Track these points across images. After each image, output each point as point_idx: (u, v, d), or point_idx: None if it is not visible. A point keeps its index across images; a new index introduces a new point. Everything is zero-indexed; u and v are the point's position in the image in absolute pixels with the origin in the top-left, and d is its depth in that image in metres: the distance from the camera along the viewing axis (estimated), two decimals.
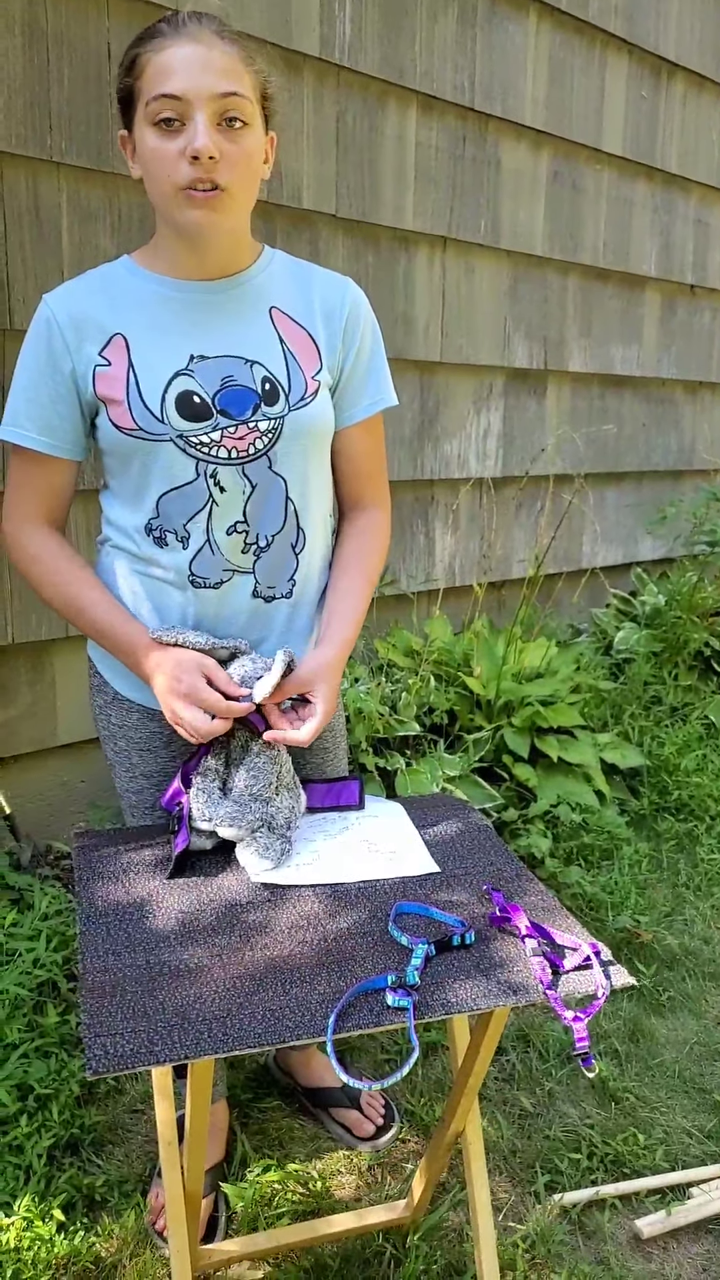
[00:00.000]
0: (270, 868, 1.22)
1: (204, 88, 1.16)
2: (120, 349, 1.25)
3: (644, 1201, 1.64)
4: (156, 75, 1.17)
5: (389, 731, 2.53)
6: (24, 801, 2.26)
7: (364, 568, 1.40)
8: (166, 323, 1.27)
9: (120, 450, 1.28)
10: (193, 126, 1.17)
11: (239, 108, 1.18)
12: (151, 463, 1.26)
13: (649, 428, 3.85)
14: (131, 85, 1.20)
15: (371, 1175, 1.65)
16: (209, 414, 1.25)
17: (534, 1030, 1.97)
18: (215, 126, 1.18)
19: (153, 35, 1.19)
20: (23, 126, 1.98)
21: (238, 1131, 1.70)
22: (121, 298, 1.27)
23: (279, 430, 1.28)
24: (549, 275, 3.27)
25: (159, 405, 1.24)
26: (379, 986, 1.03)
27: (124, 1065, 0.92)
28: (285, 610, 1.36)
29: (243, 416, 1.26)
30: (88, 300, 1.27)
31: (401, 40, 2.63)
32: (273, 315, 1.30)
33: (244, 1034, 0.97)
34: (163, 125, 1.17)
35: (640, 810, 2.85)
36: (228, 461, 1.26)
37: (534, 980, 1.06)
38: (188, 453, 1.25)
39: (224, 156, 1.18)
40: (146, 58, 1.18)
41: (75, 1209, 1.54)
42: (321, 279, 1.36)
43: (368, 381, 1.39)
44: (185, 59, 1.16)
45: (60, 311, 1.26)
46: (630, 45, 3.32)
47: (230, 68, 1.18)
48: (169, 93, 1.16)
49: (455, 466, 3.09)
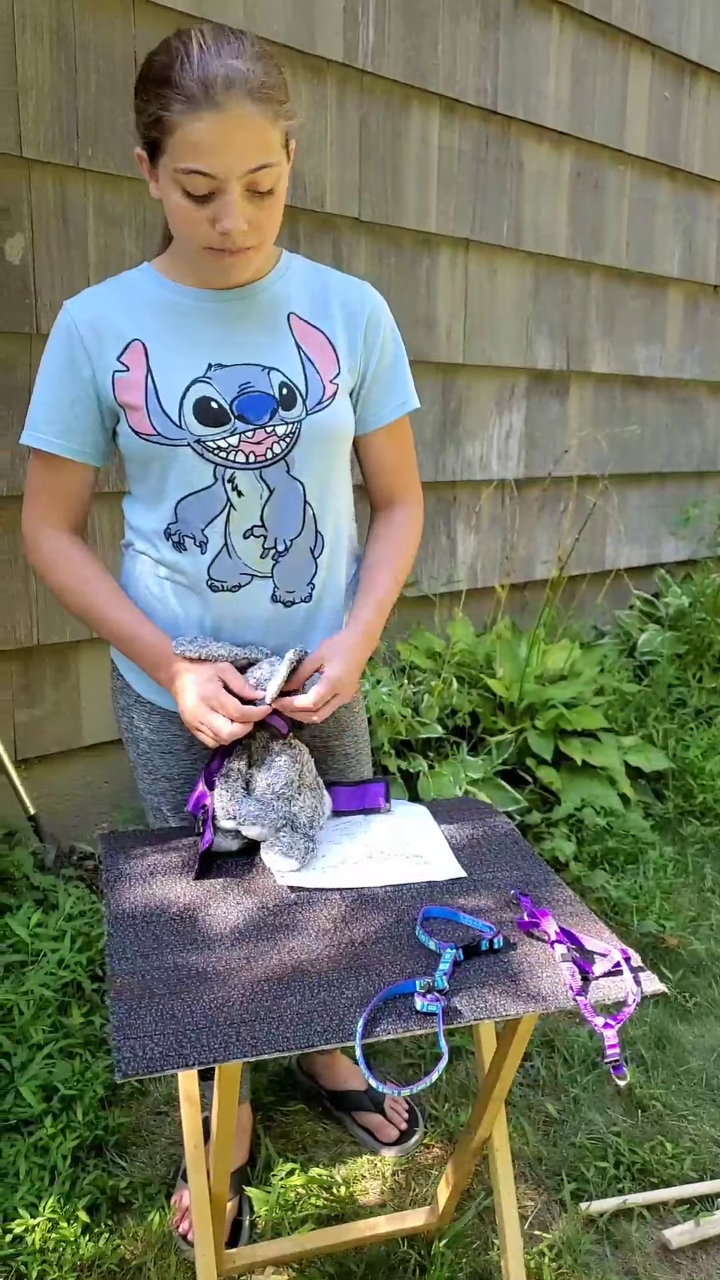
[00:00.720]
0: (295, 867, 1.22)
1: (236, 166, 1.13)
2: (139, 355, 1.26)
3: (672, 1211, 1.63)
4: (185, 147, 1.12)
5: (411, 734, 2.52)
6: (49, 802, 2.27)
7: (393, 564, 1.41)
8: (185, 331, 1.27)
9: (139, 455, 1.28)
10: (223, 201, 1.15)
11: (269, 176, 1.16)
12: (170, 468, 1.27)
13: (672, 428, 3.83)
14: (157, 139, 1.15)
15: (395, 1180, 1.64)
16: (226, 419, 1.26)
17: (559, 1036, 1.96)
18: (245, 196, 1.16)
19: (180, 93, 1.11)
20: (50, 133, 2.00)
21: (261, 1134, 1.70)
22: (141, 305, 1.28)
23: (296, 435, 1.28)
24: (571, 276, 3.26)
25: (177, 411, 1.25)
26: (407, 991, 1.03)
27: (153, 1068, 0.92)
28: (304, 615, 1.36)
29: (260, 421, 1.26)
30: (107, 307, 1.27)
31: (424, 44, 2.63)
32: (290, 321, 1.30)
33: (272, 1038, 0.96)
34: (190, 192, 1.15)
35: (665, 814, 2.83)
36: (245, 466, 1.27)
37: (563, 986, 1.05)
38: (205, 457, 1.26)
39: (253, 222, 1.17)
40: (174, 121, 1.12)
41: (100, 1210, 1.54)
42: (340, 283, 1.35)
43: (392, 385, 1.39)
44: (216, 135, 1.11)
45: (80, 317, 1.26)
46: (653, 46, 3.31)
47: (261, 138, 1.13)
48: (199, 170, 1.13)
49: (477, 468, 3.08)
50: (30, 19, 1.94)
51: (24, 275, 2.01)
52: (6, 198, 1.97)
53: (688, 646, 3.43)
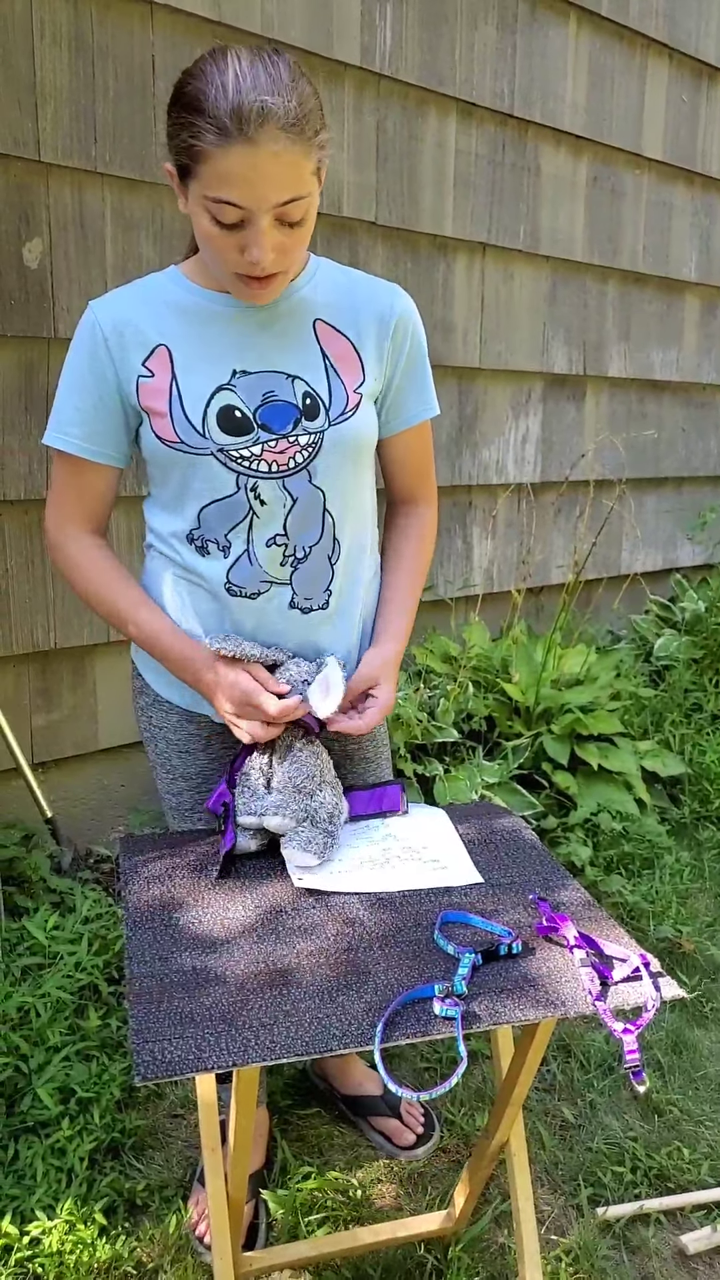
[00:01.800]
0: (314, 862, 1.22)
1: (266, 199, 1.12)
2: (164, 360, 1.26)
3: (689, 1217, 1.62)
4: (215, 177, 1.11)
5: (427, 738, 2.52)
6: (65, 805, 2.28)
7: (416, 566, 1.44)
8: (210, 337, 1.27)
9: (161, 460, 1.29)
10: (253, 231, 1.14)
11: (300, 208, 1.15)
12: (192, 475, 1.27)
13: (689, 432, 3.82)
14: (188, 165, 1.13)
15: (412, 1184, 1.64)
16: (250, 428, 1.26)
17: (575, 1040, 1.95)
18: (274, 226, 1.15)
19: (212, 122, 1.08)
20: (68, 138, 2.01)
21: (278, 1138, 1.70)
22: (166, 309, 1.28)
23: (319, 445, 1.28)
24: (588, 280, 3.25)
25: (200, 419, 1.25)
26: (426, 995, 1.03)
27: (172, 1072, 0.92)
28: (321, 620, 1.36)
29: (283, 431, 1.26)
30: (132, 310, 1.27)
31: (441, 48, 2.63)
32: (316, 328, 1.30)
33: (291, 1042, 0.96)
34: (219, 220, 1.14)
35: (681, 819, 2.82)
36: (268, 475, 1.27)
37: (583, 991, 1.05)
38: (229, 466, 1.26)
39: (281, 250, 1.17)
40: (205, 151, 1.10)
41: (116, 1213, 1.54)
42: (369, 287, 1.35)
43: (418, 389, 1.39)
44: (247, 168, 1.09)
45: (105, 319, 1.26)
46: (671, 49, 3.30)
47: (293, 171, 1.11)
48: (230, 201, 1.12)
49: (494, 472, 3.08)
50: (49, 25, 1.95)
51: (42, 279, 2.02)
52: (25, 202, 1.98)
53: (704, 651, 3.42)
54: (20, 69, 1.93)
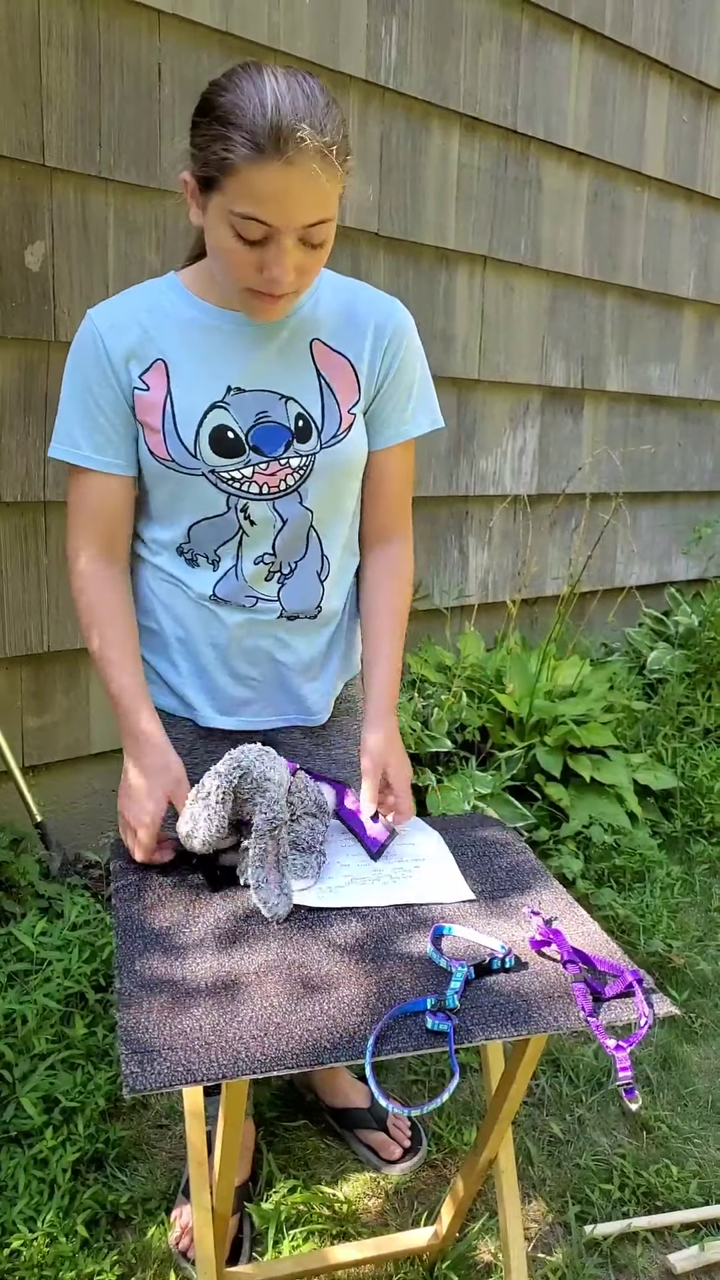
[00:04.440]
0: (309, 885, 1.21)
1: (294, 219, 1.11)
2: (160, 375, 1.25)
3: (677, 1236, 1.61)
4: (245, 193, 1.09)
5: (420, 748, 2.51)
6: (56, 809, 2.26)
7: (397, 623, 1.39)
8: (207, 352, 1.25)
9: (154, 474, 1.28)
10: (275, 250, 1.13)
11: (323, 230, 1.14)
12: (183, 493, 1.27)
13: (685, 447, 3.83)
14: (215, 177, 1.11)
15: (398, 1199, 1.62)
16: (241, 450, 1.25)
17: (564, 1055, 1.94)
18: (296, 246, 1.14)
19: (248, 138, 1.07)
20: (73, 143, 2.01)
21: (264, 1150, 1.68)
22: (164, 320, 1.26)
23: (310, 467, 1.27)
24: (587, 295, 3.26)
25: (193, 439, 1.24)
26: (418, 1009, 1.02)
27: (161, 1084, 0.91)
28: (307, 628, 1.37)
29: (275, 454, 1.25)
30: (131, 321, 1.26)
31: (446, 62, 2.65)
32: (313, 348, 1.28)
33: (281, 1054, 0.95)
34: (242, 235, 1.13)
35: (672, 832, 2.81)
36: (258, 497, 1.27)
37: (575, 1007, 1.04)
38: (219, 487, 1.26)
39: (300, 269, 1.16)
40: (238, 165, 1.08)
41: (99, 1226, 1.53)
42: (368, 300, 1.33)
43: (406, 403, 1.35)
44: (279, 188, 1.08)
45: (104, 328, 1.25)
46: (672, 70, 3.32)
47: (322, 195, 1.11)
48: (258, 218, 1.10)
49: (491, 483, 3.09)
50: (56, 30, 1.96)
51: (44, 282, 2.02)
52: (28, 205, 1.98)
53: (697, 665, 3.42)
54: (27, 73, 1.93)
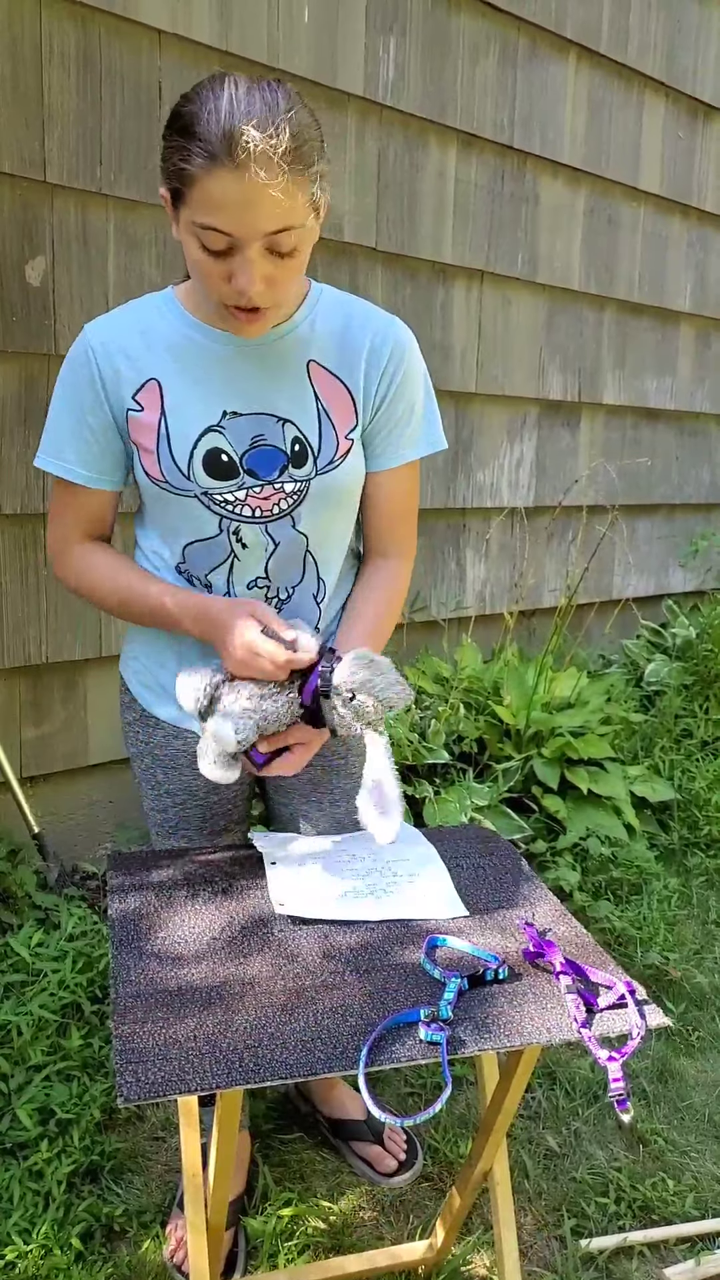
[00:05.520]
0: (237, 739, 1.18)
1: (255, 228, 1.08)
2: (154, 396, 1.24)
3: (673, 1249, 1.60)
4: (201, 202, 1.07)
5: (417, 759, 2.52)
6: (53, 820, 2.27)
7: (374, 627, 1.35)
8: (201, 374, 1.24)
9: (150, 493, 1.29)
10: (240, 260, 1.10)
11: (290, 239, 1.10)
12: (176, 513, 1.27)
13: (682, 460, 3.85)
14: (178, 189, 1.10)
15: (394, 1212, 1.62)
16: (235, 473, 1.24)
17: (560, 1067, 1.94)
18: (264, 256, 1.11)
19: (202, 146, 1.05)
20: (74, 159, 2.03)
21: (259, 1163, 1.68)
22: (159, 340, 1.24)
23: (305, 492, 1.27)
24: (584, 309, 3.28)
25: (186, 462, 1.24)
26: (412, 1020, 1.02)
27: (155, 1093, 0.92)
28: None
29: (269, 477, 1.25)
30: (126, 340, 1.25)
31: (444, 79, 2.67)
32: (310, 370, 1.26)
33: (275, 1064, 0.96)
34: (207, 247, 1.11)
35: (670, 845, 2.82)
36: (251, 520, 1.26)
37: (568, 1018, 1.04)
38: (212, 509, 1.25)
39: (270, 281, 1.13)
40: (194, 175, 1.06)
41: (93, 1238, 1.52)
42: (365, 318, 1.29)
43: (405, 427, 1.33)
44: (233, 197, 1.05)
45: (99, 346, 1.24)
46: (667, 87, 3.35)
47: (284, 203, 1.07)
48: (217, 228, 1.08)
49: (488, 495, 3.10)
50: (58, 48, 1.98)
51: (44, 297, 2.04)
52: (29, 221, 2.00)
53: (694, 677, 3.43)
54: (29, 90, 1.95)
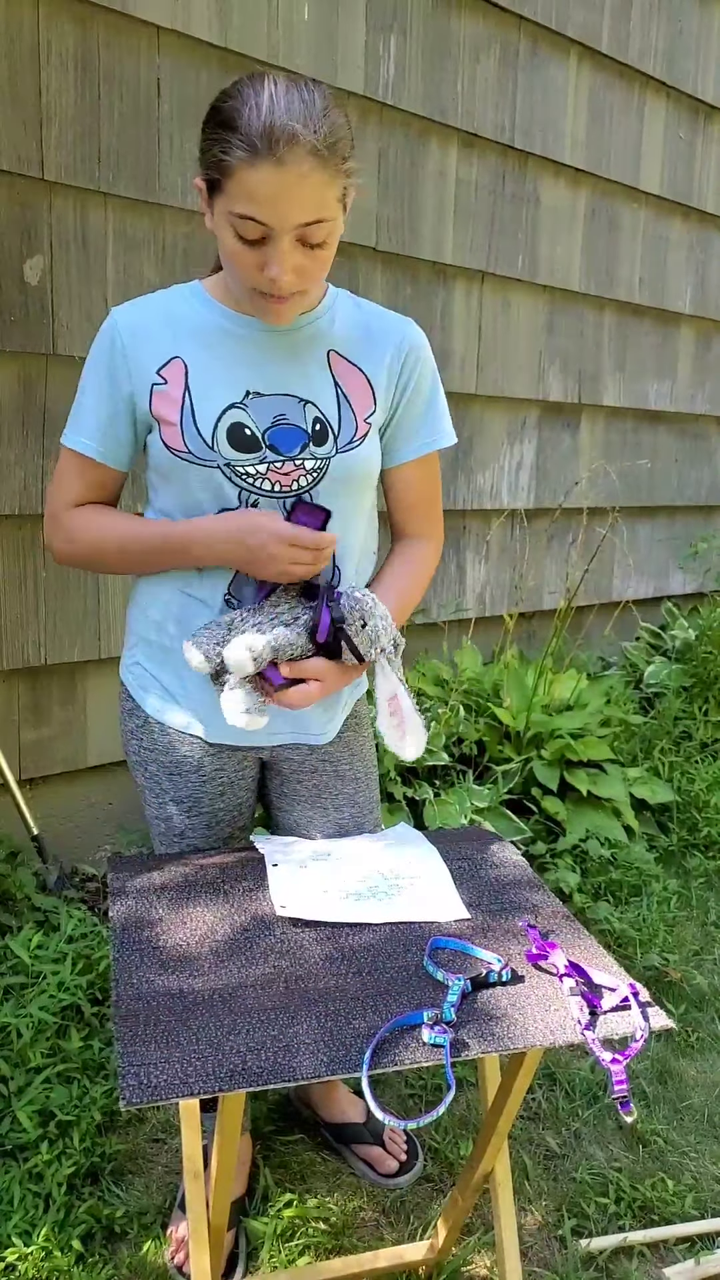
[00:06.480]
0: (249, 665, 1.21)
1: (287, 220, 1.14)
2: (178, 372, 1.28)
3: (672, 1249, 1.60)
4: (240, 193, 1.13)
5: (418, 761, 2.52)
6: (52, 822, 2.26)
7: (400, 584, 1.40)
8: (226, 356, 1.29)
9: (167, 469, 1.30)
10: (274, 249, 1.16)
11: (321, 231, 1.17)
12: (197, 486, 1.28)
13: (682, 462, 3.85)
14: (216, 179, 1.17)
15: (394, 1213, 1.62)
16: (258, 446, 1.27)
17: (561, 1068, 1.94)
18: (295, 247, 1.17)
19: (242, 140, 1.11)
20: (72, 158, 2.02)
21: (260, 1164, 1.68)
22: (185, 323, 1.29)
23: (324, 470, 1.30)
24: (585, 310, 3.28)
25: (210, 433, 1.27)
26: (415, 1023, 1.02)
27: (158, 1096, 0.91)
28: None
29: (290, 454, 1.28)
30: (152, 319, 1.30)
31: (444, 79, 2.67)
32: (330, 358, 1.32)
33: (278, 1068, 0.96)
34: (242, 236, 1.17)
35: (669, 846, 2.82)
36: (270, 494, 1.28)
37: (571, 1020, 1.04)
38: (233, 480, 1.27)
39: (300, 271, 1.19)
40: (233, 166, 1.13)
41: (94, 1240, 1.52)
42: (382, 319, 1.37)
43: (424, 421, 1.40)
44: (271, 188, 1.12)
45: (124, 327, 1.29)
46: (669, 88, 3.35)
47: (317, 195, 1.14)
48: (253, 217, 1.14)
49: (488, 497, 3.10)
50: (56, 46, 1.97)
51: (42, 296, 2.03)
52: (28, 220, 1.99)
53: (694, 679, 3.43)
54: (26, 88, 1.95)
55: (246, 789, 1.46)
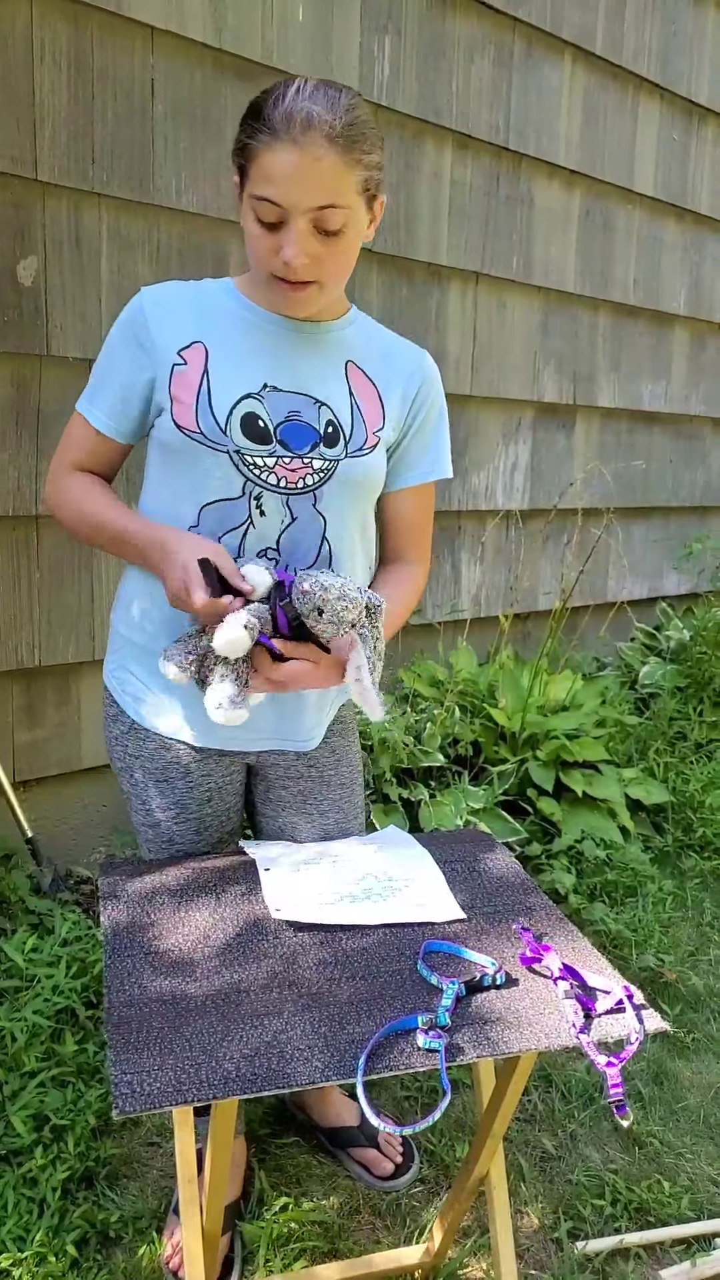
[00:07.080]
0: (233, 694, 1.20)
1: (301, 201, 1.17)
2: (199, 354, 1.29)
3: (669, 1251, 1.60)
4: (259, 175, 1.18)
5: (413, 762, 2.51)
6: (46, 825, 2.26)
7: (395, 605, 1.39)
8: (248, 347, 1.31)
9: (173, 448, 1.29)
10: (288, 231, 1.19)
11: (335, 217, 1.19)
12: (202, 469, 1.28)
13: (676, 463, 3.85)
14: (243, 165, 1.21)
15: (390, 1216, 1.62)
16: (269, 439, 1.28)
17: (556, 1070, 1.94)
18: (311, 231, 1.20)
19: (265, 125, 1.17)
20: (66, 158, 2.02)
21: (255, 1168, 1.67)
22: (210, 310, 1.32)
23: (331, 472, 1.31)
24: (579, 311, 3.28)
25: (225, 418, 1.28)
26: (409, 1027, 1.02)
27: (152, 1104, 0.91)
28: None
29: (300, 451, 1.29)
30: (180, 302, 1.32)
31: (439, 80, 2.67)
32: (348, 369, 1.35)
33: (272, 1074, 0.95)
34: (261, 219, 1.20)
35: (664, 847, 2.82)
36: (274, 489, 1.29)
37: (566, 1023, 1.04)
38: (240, 469, 1.28)
39: (315, 258, 1.21)
40: (254, 149, 1.18)
41: (88, 1245, 1.52)
42: (399, 346, 1.41)
43: (427, 451, 1.43)
44: (287, 168, 1.16)
45: (152, 303, 1.31)
46: (662, 89, 3.36)
47: (332, 179, 1.17)
48: (268, 198, 1.18)
49: (483, 498, 3.10)
50: (50, 46, 1.97)
51: (36, 297, 2.03)
52: (21, 220, 1.99)
53: (689, 680, 3.43)
54: (20, 88, 1.94)
55: (234, 794, 1.46)
